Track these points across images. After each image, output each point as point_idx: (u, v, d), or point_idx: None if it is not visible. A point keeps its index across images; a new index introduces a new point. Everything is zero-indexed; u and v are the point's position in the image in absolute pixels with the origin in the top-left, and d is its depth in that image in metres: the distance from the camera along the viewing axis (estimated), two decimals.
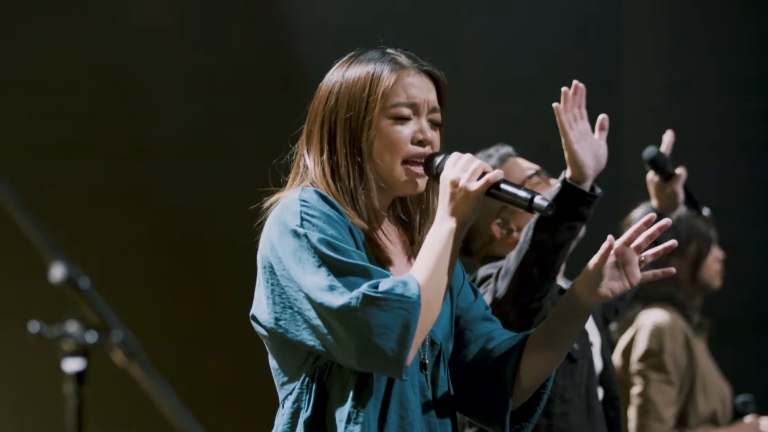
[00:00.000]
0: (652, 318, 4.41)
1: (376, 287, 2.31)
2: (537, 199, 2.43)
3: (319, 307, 2.32)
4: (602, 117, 3.03)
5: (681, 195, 3.75)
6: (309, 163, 2.54)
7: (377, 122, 2.49)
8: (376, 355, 2.30)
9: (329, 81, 2.56)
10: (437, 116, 2.55)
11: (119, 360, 1.72)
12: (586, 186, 2.99)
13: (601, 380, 3.56)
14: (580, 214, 3.01)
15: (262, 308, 2.44)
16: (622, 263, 2.51)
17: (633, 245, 2.51)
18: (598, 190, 3.01)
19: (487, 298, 3.27)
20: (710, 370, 4.51)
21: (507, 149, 3.62)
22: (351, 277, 2.33)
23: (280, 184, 2.59)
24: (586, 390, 3.47)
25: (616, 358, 4.45)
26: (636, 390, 4.39)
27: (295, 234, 2.37)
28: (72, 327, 1.70)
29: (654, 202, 3.78)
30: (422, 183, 2.54)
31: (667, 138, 3.76)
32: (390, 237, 2.57)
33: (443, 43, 5.46)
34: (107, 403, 4.57)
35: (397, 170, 2.50)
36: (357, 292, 2.30)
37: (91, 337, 1.70)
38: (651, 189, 3.78)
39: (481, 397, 2.59)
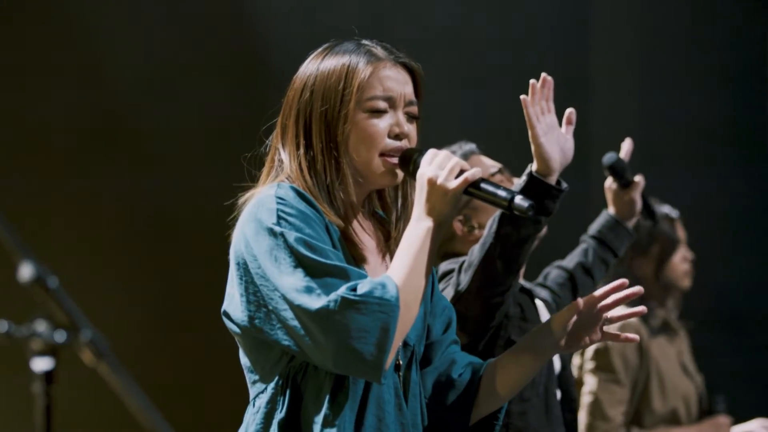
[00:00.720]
0: None
1: (355, 290, 2.28)
2: (517, 199, 2.40)
3: (297, 309, 2.29)
4: (569, 111, 3.02)
5: (639, 203, 3.72)
6: (284, 157, 2.51)
7: (353, 115, 2.47)
8: (355, 358, 2.27)
9: (304, 73, 2.53)
10: (414, 109, 2.53)
11: (88, 359, 1.72)
12: (552, 180, 2.98)
13: (558, 381, 3.55)
14: (545, 208, 3.01)
15: (235, 305, 2.41)
16: (586, 321, 2.55)
17: (600, 305, 2.54)
18: (564, 185, 3.00)
19: (449, 292, 3.26)
20: (672, 370, 4.51)
21: (470, 146, 3.61)
22: (328, 278, 2.30)
23: (252, 178, 2.57)
24: (545, 389, 3.47)
25: (574, 358, 4.46)
26: (585, 389, 4.41)
27: (272, 232, 2.34)
28: (40, 326, 1.70)
29: (611, 210, 3.76)
30: (400, 174, 2.52)
31: (626, 145, 3.73)
32: (365, 233, 2.55)
33: (416, 34, 5.47)
34: (77, 402, 4.55)
35: (374, 163, 2.48)
36: (335, 295, 2.27)
37: (60, 336, 1.69)
38: (609, 196, 3.75)
39: (440, 421, 2.61)
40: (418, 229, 2.39)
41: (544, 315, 3.58)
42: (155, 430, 1.65)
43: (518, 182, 3.04)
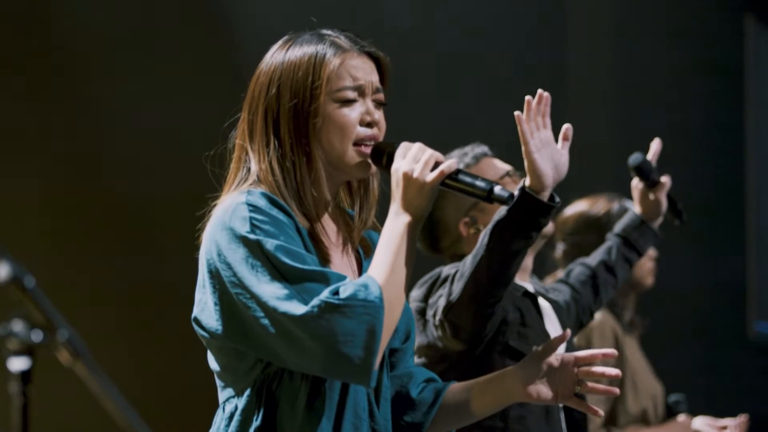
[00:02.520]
0: None
1: (338, 293, 2.26)
2: (497, 189, 2.39)
3: (280, 316, 2.26)
4: (566, 127, 2.99)
5: (664, 203, 3.76)
6: (252, 156, 2.48)
7: (324, 108, 2.44)
8: (344, 363, 2.25)
9: (268, 67, 2.50)
10: (381, 96, 2.51)
11: (65, 359, 1.72)
12: (545, 196, 2.96)
13: None
14: (536, 224, 3.02)
15: (208, 313, 2.38)
16: (561, 375, 2.56)
17: (580, 368, 2.56)
18: (557, 200, 2.99)
19: (442, 301, 3.28)
20: (641, 369, 4.52)
21: (482, 148, 3.61)
22: (309, 283, 2.28)
23: (217, 177, 2.54)
24: None
25: None
26: None
27: (246, 241, 2.31)
28: (17, 326, 1.70)
29: (637, 209, 3.79)
30: (371, 166, 2.50)
31: (654, 146, 3.75)
32: (330, 229, 2.53)
33: (389, 37, 5.48)
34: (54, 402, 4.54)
35: (348, 153, 2.45)
36: (318, 300, 2.25)
37: (37, 336, 1.69)
38: (635, 195, 3.77)
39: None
40: (396, 225, 2.37)
41: (551, 318, 3.59)
42: (132, 430, 1.65)
43: None
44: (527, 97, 2.92)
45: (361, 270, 2.55)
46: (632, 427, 4.43)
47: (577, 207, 4.49)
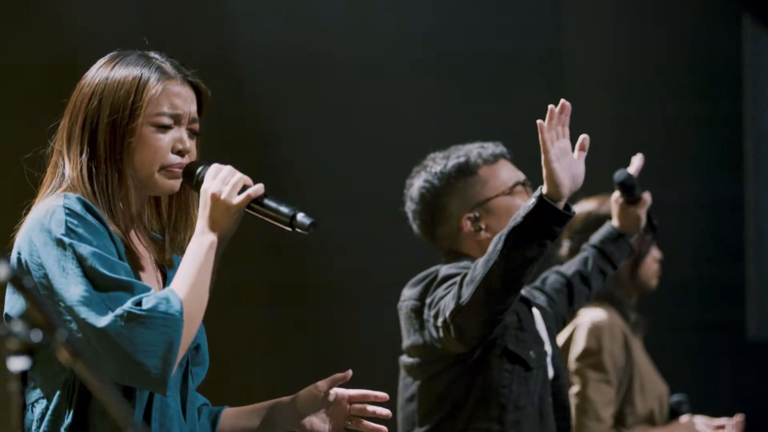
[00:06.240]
0: (590, 316, 4.39)
1: (140, 304, 2.34)
2: (299, 217, 2.44)
3: (82, 322, 2.33)
4: (583, 137, 3.00)
5: (644, 219, 3.77)
6: (68, 162, 2.53)
7: (140, 129, 2.50)
8: (140, 372, 2.33)
9: (93, 79, 2.55)
10: (196, 126, 2.56)
11: (64, 358, 1.73)
12: (561, 205, 2.98)
13: (552, 389, 3.55)
14: (551, 232, 3.02)
15: (17, 311, 2.43)
16: (335, 410, 2.63)
17: (353, 404, 2.62)
18: (572, 210, 3.01)
19: (450, 303, 3.25)
20: (647, 370, 4.51)
21: (501, 149, 3.58)
22: (114, 292, 2.35)
23: (34, 178, 2.57)
24: (540, 398, 3.46)
25: None
26: (574, 389, 4.39)
27: (60, 243, 2.38)
28: (17, 326, 1.71)
29: (615, 222, 3.80)
30: (178, 183, 2.55)
31: (637, 161, 3.76)
32: (141, 244, 2.57)
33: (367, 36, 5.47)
34: None
35: (155, 176, 2.51)
36: (121, 310, 2.32)
37: (36, 335, 1.70)
38: (614, 209, 3.79)
39: None
40: (201, 243, 2.45)
41: (540, 324, 3.58)
42: (130, 427, 1.66)
43: (527, 204, 3.04)
44: (550, 106, 2.93)
45: (165, 282, 2.59)
46: (640, 428, 4.42)
47: (585, 206, 4.48)
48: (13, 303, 2.43)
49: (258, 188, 2.46)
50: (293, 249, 5.39)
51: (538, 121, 2.92)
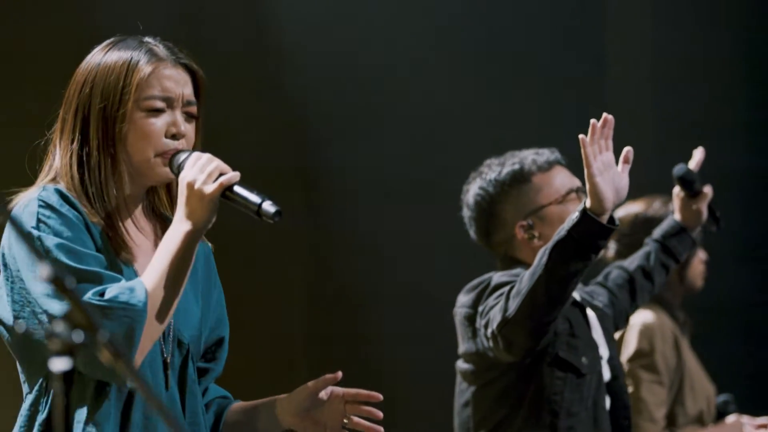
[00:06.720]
0: (641, 318, 4.41)
1: (102, 294, 2.31)
2: (265, 205, 2.39)
3: (45, 314, 2.32)
4: (627, 150, 3.01)
5: (705, 213, 3.78)
6: (58, 152, 2.51)
7: (131, 114, 2.46)
8: (97, 362, 2.20)
9: (86, 67, 2.52)
10: (193, 109, 2.51)
11: (106, 359, 1.73)
12: (604, 218, 2.99)
13: (611, 390, 3.54)
14: (595, 246, 3.02)
15: (3, 305, 2.42)
16: (330, 409, 2.60)
17: (347, 403, 2.59)
18: (617, 222, 3.02)
19: (497, 315, 3.26)
20: (696, 370, 4.52)
21: (556, 155, 3.59)
22: (81, 283, 2.32)
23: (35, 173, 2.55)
24: (594, 403, 3.46)
25: None
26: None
27: (30, 237, 2.36)
28: (59, 326, 1.70)
29: (677, 216, 3.81)
30: None
31: (697, 155, 3.77)
32: (139, 232, 2.54)
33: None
34: None
35: (150, 162, 2.47)
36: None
37: (78, 336, 1.70)
38: (676, 204, 3.81)
39: None
40: (176, 233, 2.40)
41: (596, 327, 3.58)
42: (176, 428, 1.66)
43: (571, 217, 3.05)
44: (592, 121, 2.94)
45: None
46: (690, 428, 4.42)
47: (633, 208, 4.49)
48: (4, 306, 2.42)
49: (232, 176, 2.40)
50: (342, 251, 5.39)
51: (581, 136, 2.94)
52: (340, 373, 2.59)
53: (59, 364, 1.69)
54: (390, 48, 5.39)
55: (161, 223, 2.59)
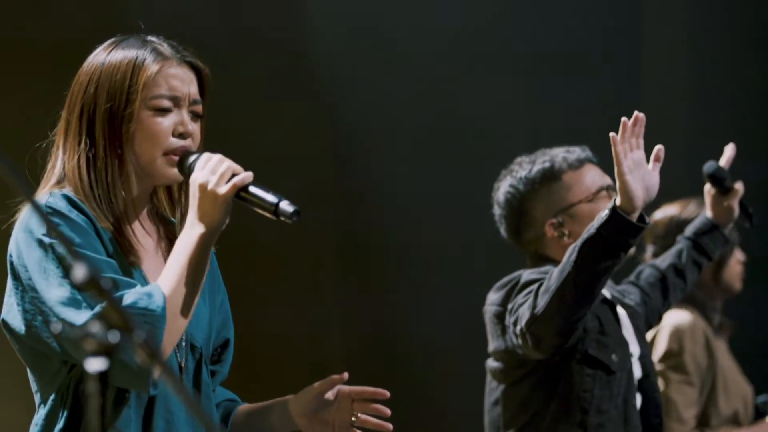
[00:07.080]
0: (672, 319, 4.41)
1: (120, 301, 2.28)
2: (282, 205, 2.36)
3: (63, 323, 2.29)
4: (658, 148, 3.01)
5: (736, 209, 3.78)
6: (63, 154, 2.47)
7: (138, 114, 2.43)
8: (122, 370, 2.26)
9: (89, 67, 2.49)
10: (198, 108, 2.50)
11: (142, 360, 1.73)
12: (634, 216, 2.99)
13: (642, 388, 3.54)
14: (625, 244, 3.01)
15: (13, 314, 2.39)
16: (338, 407, 2.59)
17: (355, 401, 2.58)
18: (647, 220, 3.01)
19: (525, 313, 3.26)
20: (731, 371, 4.51)
21: (587, 153, 3.60)
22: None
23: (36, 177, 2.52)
24: (624, 401, 3.46)
25: None
26: None
27: (41, 243, 2.34)
28: (94, 327, 1.70)
29: (709, 213, 3.81)
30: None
31: (728, 152, 3.77)
32: (146, 234, 2.52)
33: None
34: None
35: (158, 162, 2.45)
36: (99, 307, 2.25)
37: (114, 336, 1.70)
38: (707, 201, 3.80)
39: None
40: (190, 236, 2.38)
41: (626, 325, 3.57)
42: (210, 427, 1.66)
43: (601, 215, 3.04)
44: (623, 119, 2.94)
45: None
46: (724, 428, 4.41)
47: (668, 211, 4.50)
48: (9, 308, 2.41)
49: (245, 177, 2.38)
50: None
51: (611, 134, 2.95)
52: (346, 374, 2.59)
53: (95, 365, 1.69)
54: (430, 43, 5.39)
55: (163, 224, 2.58)
